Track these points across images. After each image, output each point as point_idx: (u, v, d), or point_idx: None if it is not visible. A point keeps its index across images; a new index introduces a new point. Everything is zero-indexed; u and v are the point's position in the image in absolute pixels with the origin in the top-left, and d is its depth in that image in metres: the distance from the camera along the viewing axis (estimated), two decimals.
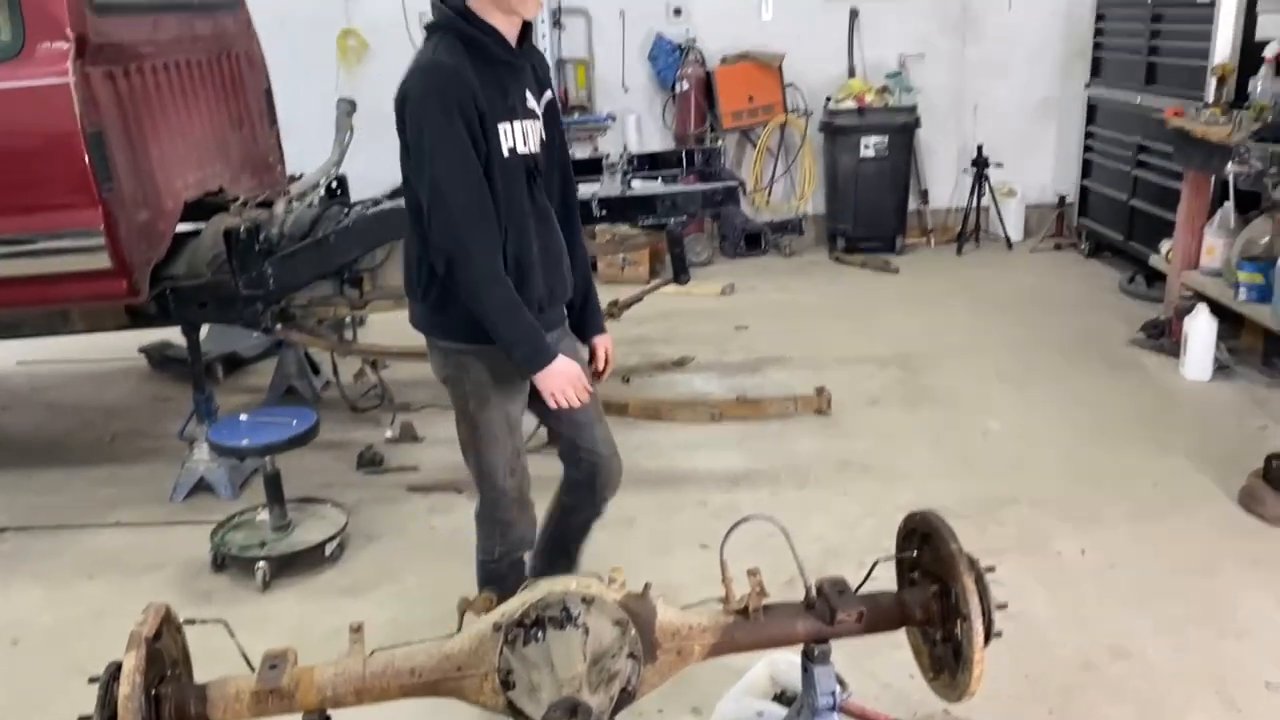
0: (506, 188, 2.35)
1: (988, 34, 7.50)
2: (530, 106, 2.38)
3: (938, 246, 7.65)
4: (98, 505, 4.16)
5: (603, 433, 2.76)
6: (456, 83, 2.23)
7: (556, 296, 2.55)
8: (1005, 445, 4.35)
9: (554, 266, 2.51)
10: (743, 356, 5.52)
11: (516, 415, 2.60)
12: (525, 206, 2.40)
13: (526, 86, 2.37)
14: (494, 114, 2.29)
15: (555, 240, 2.52)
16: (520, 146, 2.35)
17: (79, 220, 3.63)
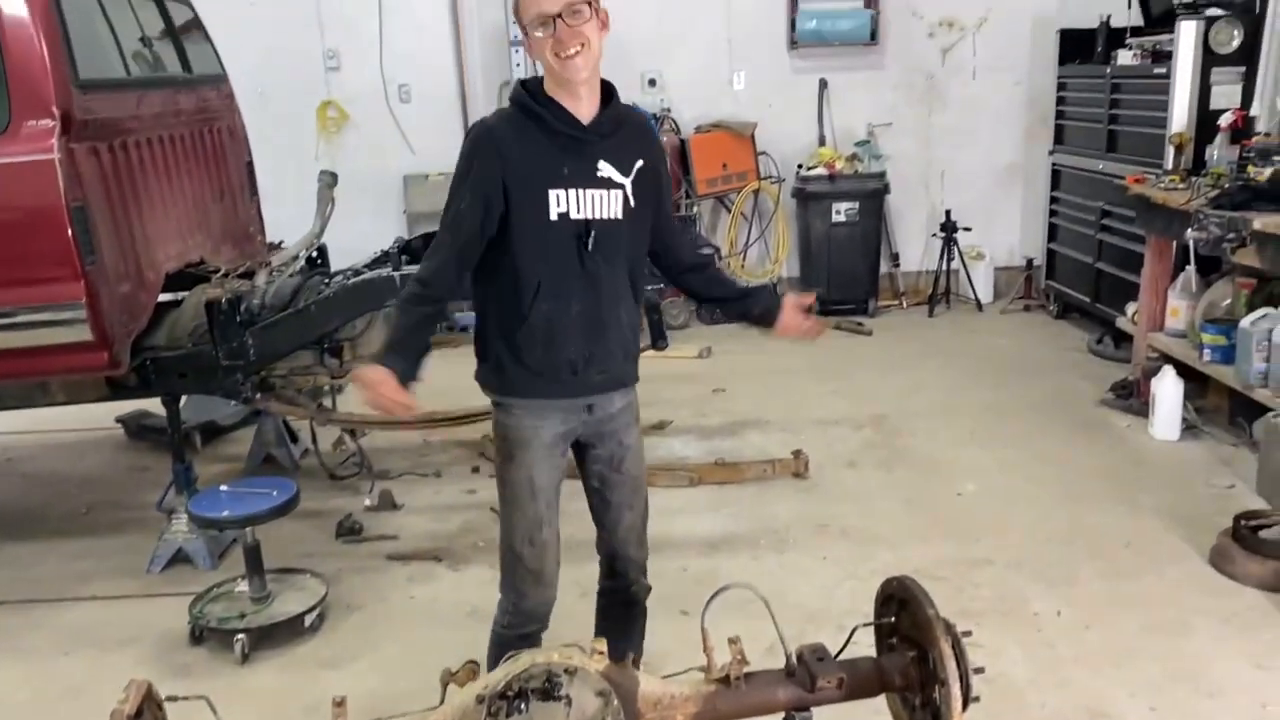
0: (549, 249, 2.47)
1: (953, 103, 7.71)
2: (604, 175, 2.46)
3: (910, 308, 7.78)
4: (73, 579, 4.13)
5: (631, 519, 2.75)
6: (485, 143, 2.44)
7: (597, 361, 2.55)
8: (980, 506, 4.41)
9: (597, 332, 2.54)
10: (721, 419, 5.58)
11: (543, 483, 2.58)
12: (572, 269, 2.48)
13: (602, 156, 2.46)
14: (542, 180, 2.42)
15: (606, 307, 2.53)
16: (576, 212, 2.44)
17: (61, 294, 3.66)
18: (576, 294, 2.50)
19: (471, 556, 4.16)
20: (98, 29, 4.04)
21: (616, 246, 2.53)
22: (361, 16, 7.45)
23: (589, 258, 2.48)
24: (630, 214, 2.53)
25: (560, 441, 2.60)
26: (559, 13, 2.29)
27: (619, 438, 2.67)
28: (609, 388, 2.62)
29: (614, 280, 2.55)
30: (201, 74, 4.89)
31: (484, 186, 2.43)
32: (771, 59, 7.65)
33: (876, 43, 7.53)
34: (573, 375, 2.54)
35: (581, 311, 2.51)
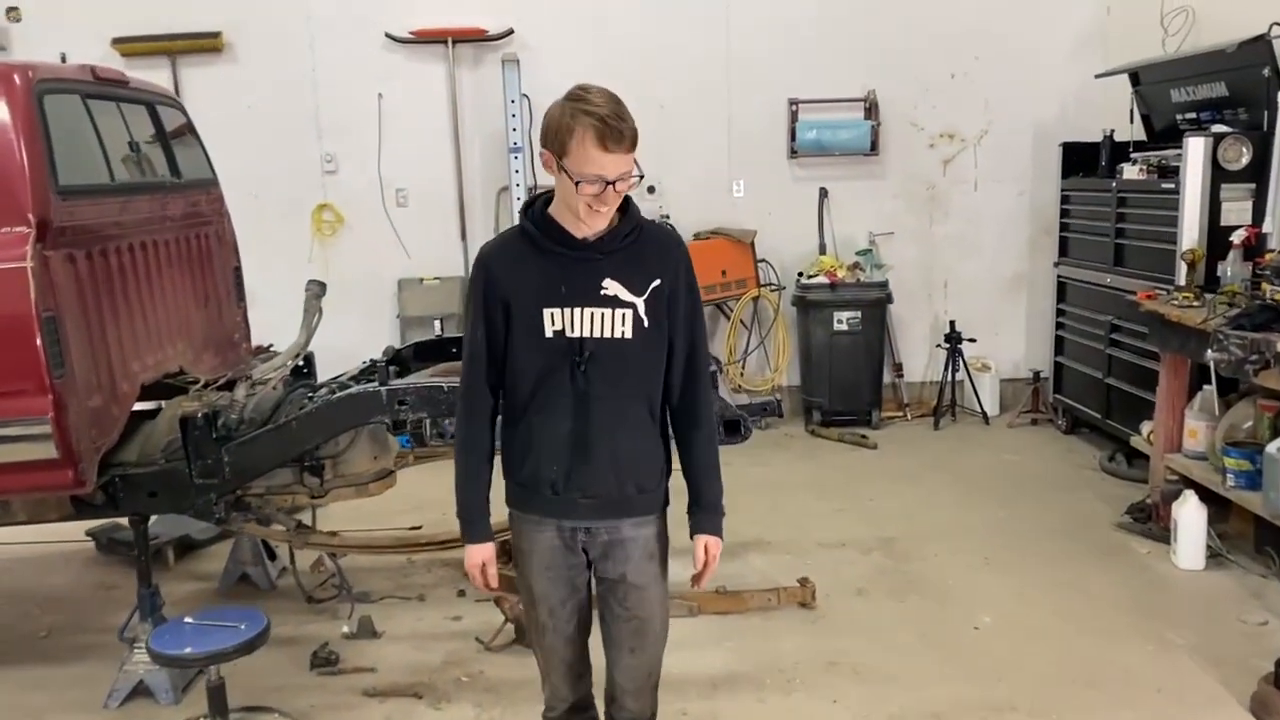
0: (543, 366, 2.43)
1: (955, 213, 7.65)
2: (609, 293, 2.39)
3: (914, 420, 7.58)
4: (25, 713, 3.83)
5: (631, 664, 2.65)
6: (482, 270, 2.46)
7: (580, 484, 2.46)
8: (998, 641, 4.14)
9: (582, 454, 2.44)
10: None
11: (543, 592, 2.57)
12: (562, 388, 2.42)
13: (608, 274, 2.38)
14: (538, 298, 2.39)
15: (598, 430, 2.43)
16: (571, 331, 2.39)
17: (26, 408, 3.43)
18: (565, 412, 2.44)
19: (454, 693, 3.87)
20: (82, 134, 3.90)
21: (621, 368, 2.44)
22: (360, 121, 7.42)
23: (581, 377, 2.41)
24: (644, 334, 2.43)
25: (560, 557, 2.54)
26: (615, 179, 2.28)
27: (624, 571, 2.54)
28: (602, 515, 2.51)
29: (614, 403, 2.44)
30: (190, 179, 4.75)
31: (487, 312, 2.46)
32: (772, 167, 7.61)
33: (877, 153, 7.49)
34: (554, 495, 2.48)
35: (571, 431, 2.44)
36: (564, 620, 2.59)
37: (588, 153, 2.25)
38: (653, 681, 2.70)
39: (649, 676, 2.67)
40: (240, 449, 3.88)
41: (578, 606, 2.60)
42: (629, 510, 2.52)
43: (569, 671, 2.68)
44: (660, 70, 7.39)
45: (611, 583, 2.56)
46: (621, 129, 2.24)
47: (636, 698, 2.68)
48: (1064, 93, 7.38)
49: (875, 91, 7.44)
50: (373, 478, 4.07)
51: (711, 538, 2.59)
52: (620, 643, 2.61)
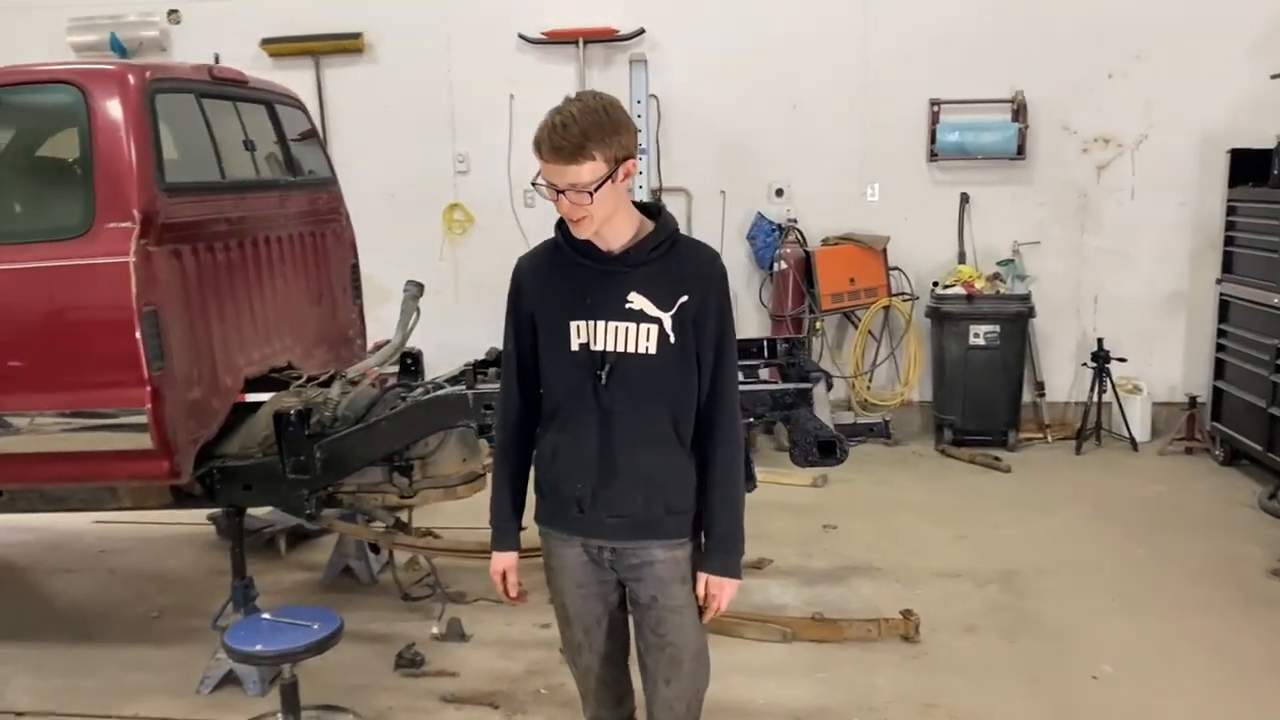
0: (565, 380, 2.41)
1: (1109, 224, 7.13)
2: (633, 308, 2.33)
3: (1055, 443, 7.10)
4: (122, 693, 3.95)
5: (667, 695, 2.54)
6: (515, 280, 2.48)
7: (606, 504, 2.41)
8: (1119, 694, 3.78)
9: (608, 473, 2.40)
10: (827, 563, 5.08)
11: (576, 610, 2.54)
12: (586, 403, 2.38)
13: (634, 288, 2.33)
14: (564, 310, 2.37)
15: (622, 448, 2.39)
16: (597, 344, 2.35)
17: (125, 399, 3.55)
18: (589, 428, 2.40)
19: (530, 706, 3.79)
20: (194, 133, 4.01)
21: (645, 383, 2.38)
22: (492, 121, 7.45)
23: (604, 392, 2.36)
24: (669, 350, 2.36)
25: (591, 573, 2.49)
26: (563, 189, 2.23)
27: (654, 594, 2.46)
28: (631, 536, 2.43)
29: (637, 420, 2.39)
30: (308, 178, 4.85)
31: (518, 322, 2.47)
32: (909, 171, 7.26)
33: (1023, 157, 7.05)
34: (579, 513, 2.43)
35: (593, 448, 2.40)
36: (599, 639, 2.55)
37: (536, 155, 2.25)
38: (691, 714, 2.57)
39: (687, 709, 2.56)
40: (331, 446, 3.90)
41: (613, 624, 2.55)
42: (659, 532, 2.43)
43: (608, 692, 2.65)
44: (793, 69, 7.18)
45: (642, 606, 2.48)
46: (558, 140, 2.17)
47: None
48: (1235, 95, 6.78)
49: (1023, 92, 7.00)
50: (460, 480, 4.04)
51: (715, 578, 2.44)
52: (655, 673, 2.52)
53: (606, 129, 2.19)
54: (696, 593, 2.45)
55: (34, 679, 4.09)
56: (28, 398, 3.63)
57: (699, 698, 2.58)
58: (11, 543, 5.67)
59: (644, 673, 2.55)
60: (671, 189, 7.37)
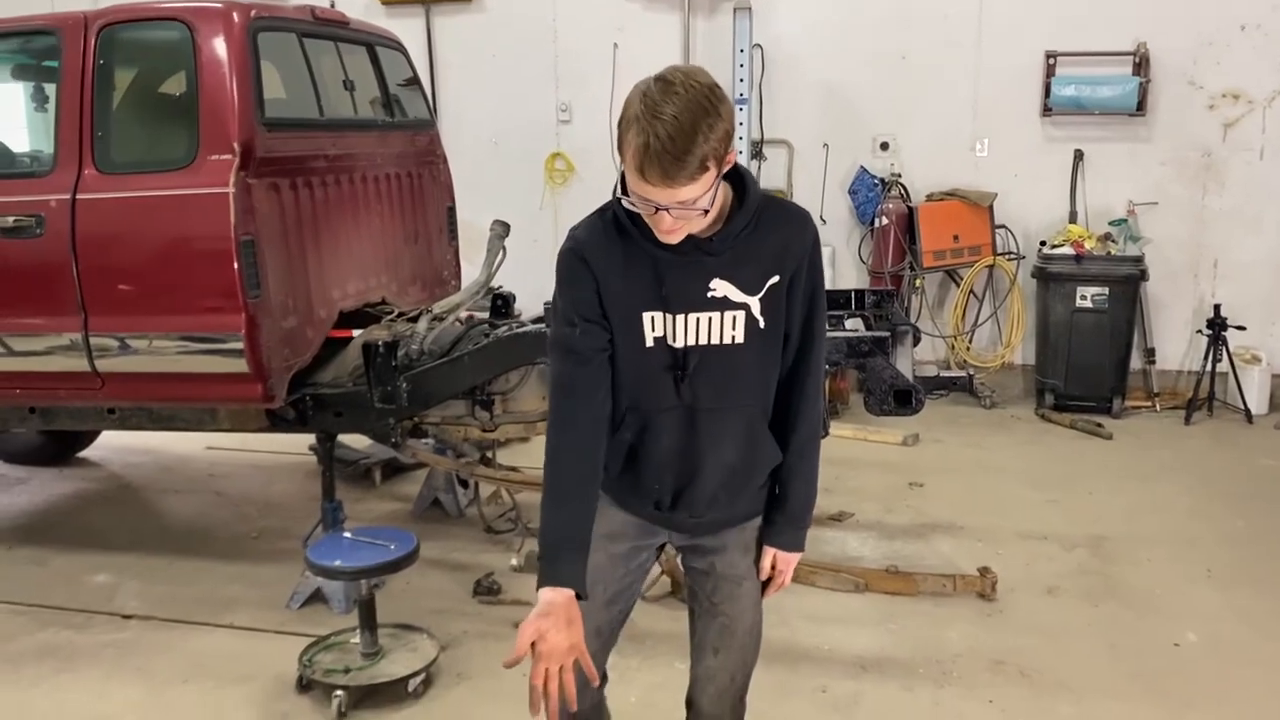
0: (640, 378, 2.11)
1: (1234, 185, 6.76)
2: (717, 295, 2.04)
3: (1163, 412, 6.82)
4: (219, 603, 4.19)
5: (713, 665, 2.31)
6: (575, 261, 2.06)
7: (688, 504, 2.19)
8: (1201, 662, 3.66)
9: (690, 473, 2.16)
10: (909, 519, 5.02)
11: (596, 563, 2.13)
12: (664, 402, 2.11)
13: (717, 273, 2.03)
14: (636, 301, 2.06)
15: (707, 446, 2.13)
16: (674, 339, 2.06)
17: (222, 324, 3.74)
18: (668, 427, 2.13)
19: None
20: (294, 70, 4.15)
21: (733, 375, 2.11)
22: (595, 71, 7.46)
23: (685, 389, 2.09)
24: (759, 336, 2.08)
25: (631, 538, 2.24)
26: (666, 206, 1.87)
27: (713, 561, 2.27)
28: (705, 533, 2.25)
29: (723, 414, 2.13)
30: (406, 119, 4.96)
31: (583, 310, 2.06)
32: (1021, 126, 7.01)
33: (1144, 113, 6.73)
34: (656, 510, 2.21)
35: (672, 448, 2.14)
36: (598, 605, 2.21)
37: (633, 171, 1.85)
38: (737, 687, 2.35)
39: (731, 681, 2.33)
40: (417, 378, 4.03)
41: (618, 595, 2.28)
42: (734, 520, 2.24)
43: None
44: (903, 19, 6.99)
45: (699, 573, 2.29)
46: (668, 163, 1.79)
47: (716, 701, 2.35)
48: None
49: (1146, 44, 6.67)
50: (539, 417, 4.11)
51: (784, 553, 2.26)
52: (704, 643, 2.32)
53: (713, 122, 1.82)
54: (761, 566, 2.26)
55: (142, 585, 4.38)
56: (137, 319, 3.85)
57: (746, 673, 2.37)
58: (129, 463, 6.03)
59: (694, 645, 2.35)
60: (773, 141, 7.29)
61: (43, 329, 3.94)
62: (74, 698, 3.54)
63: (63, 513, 5.36)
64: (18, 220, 3.86)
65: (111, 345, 3.88)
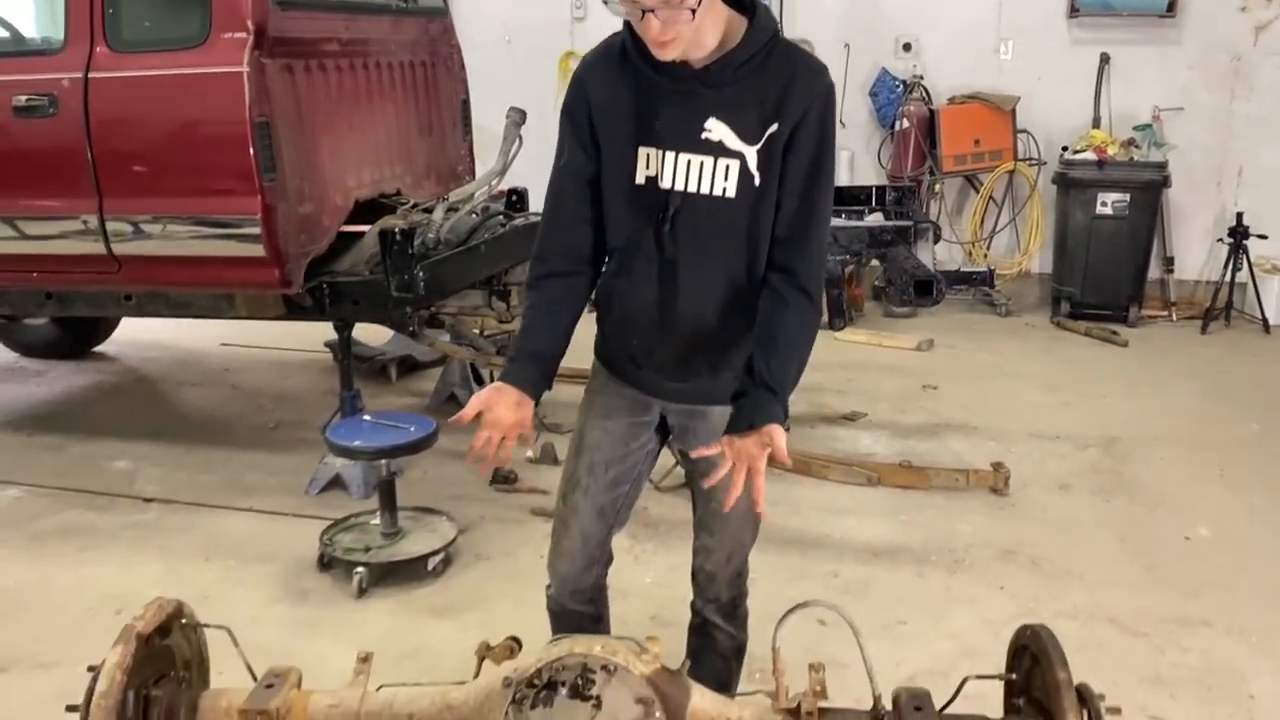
0: (627, 218, 2.04)
1: (1263, 91, 6.63)
2: (711, 138, 1.93)
3: (1179, 322, 6.79)
4: (239, 489, 4.24)
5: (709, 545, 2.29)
6: (578, 85, 2.05)
7: (661, 366, 2.12)
8: (1211, 555, 3.69)
9: (668, 332, 2.07)
10: (922, 419, 5.04)
11: (590, 444, 2.21)
12: (646, 249, 2.03)
13: (713, 112, 1.92)
14: (631, 133, 1.99)
15: (686, 306, 2.04)
16: (664, 181, 1.96)
17: (238, 207, 3.71)
18: (647, 280, 2.04)
19: None
20: None
21: (718, 232, 1.99)
22: None
23: (667, 239, 1.99)
24: (752, 194, 1.95)
25: (626, 413, 2.20)
26: (650, 7, 1.78)
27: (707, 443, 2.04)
28: (688, 400, 2.16)
29: (706, 274, 2.01)
30: (419, 5, 4.86)
31: (578, 135, 2.04)
32: (1047, 27, 6.86)
33: (1173, 14, 6.58)
34: (635, 367, 2.15)
35: (651, 301, 2.05)
36: (600, 485, 2.21)
37: None
38: (734, 567, 2.32)
39: (728, 561, 2.30)
40: (434, 267, 4.01)
41: (620, 475, 2.23)
42: (720, 397, 2.03)
43: (581, 548, 2.28)
44: None
45: (693, 457, 2.13)
46: None
47: (711, 580, 2.34)
48: None
49: None
50: None
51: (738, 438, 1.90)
52: (702, 522, 2.29)
53: None
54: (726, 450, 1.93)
55: (162, 471, 4.43)
56: (153, 202, 3.83)
57: (742, 555, 2.32)
58: (145, 358, 6.06)
59: (695, 527, 2.33)
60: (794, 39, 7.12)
61: (58, 211, 3.92)
62: (97, 572, 3.60)
63: (80, 403, 5.41)
64: (30, 99, 3.81)
65: (127, 228, 3.86)
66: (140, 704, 1.90)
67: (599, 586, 2.39)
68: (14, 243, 4.02)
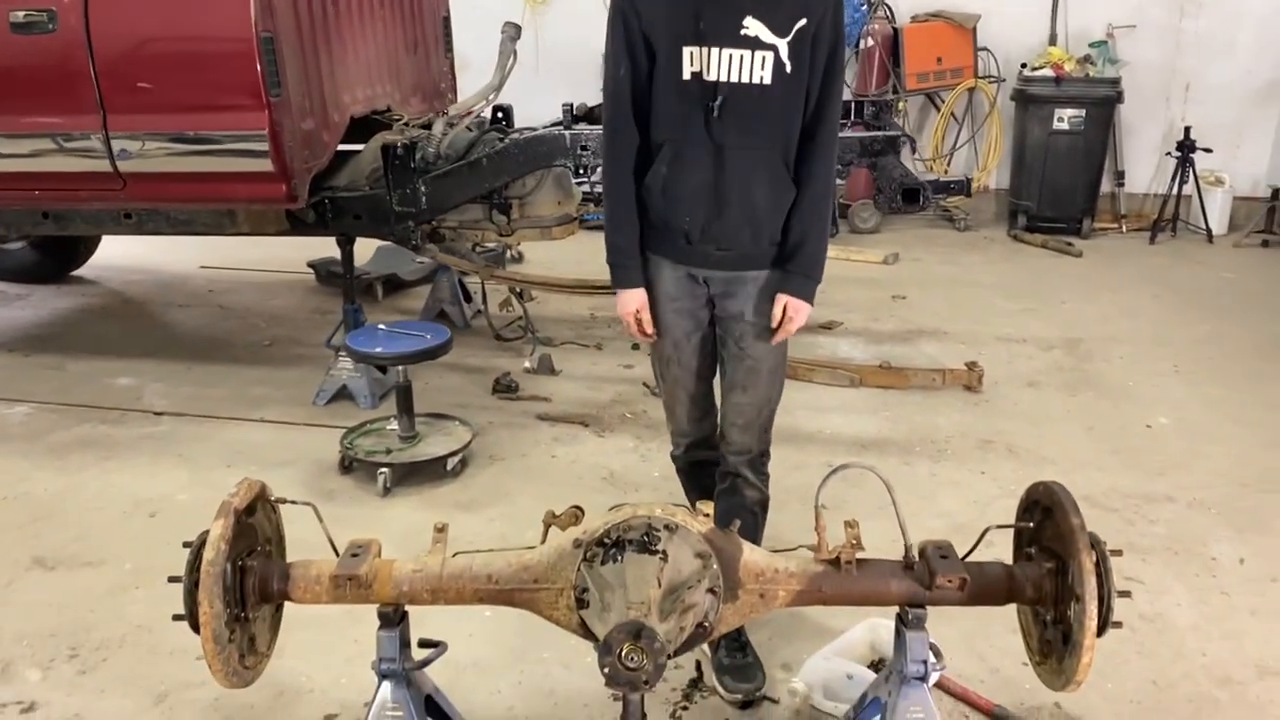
0: (675, 111, 2.34)
1: (1210, 7, 6.90)
2: (748, 33, 2.26)
3: (1129, 233, 7.13)
4: (248, 402, 4.36)
5: (741, 401, 2.59)
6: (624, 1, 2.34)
7: (714, 236, 2.42)
8: (1171, 441, 4.01)
9: (717, 207, 2.38)
10: (895, 326, 5.29)
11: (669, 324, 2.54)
12: (697, 136, 2.34)
13: (750, 11, 2.25)
14: (678, 35, 2.29)
15: (732, 182, 2.36)
16: (710, 74, 2.28)
17: (246, 122, 3.76)
18: (699, 162, 2.35)
19: (617, 426, 4.13)
20: None
21: (759, 116, 2.32)
22: None
23: (715, 125, 2.31)
24: (785, 81, 2.30)
25: (685, 288, 2.52)
26: None
27: (742, 308, 2.50)
28: (732, 266, 2.47)
29: (749, 154, 2.35)
30: None
31: (630, 49, 2.35)
32: None
33: None
34: (687, 243, 2.44)
35: (703, 182, 2.37)
36: (689, 354, 2.59)
37: None
38: (762, 420, 2.63)
39: (758, 414, 2.61)
40: (435, 181, 4.12)
41: (702, 340, 2.58)
42: (761, 263, 2.45)
43: (693, 406, 2.68)
44: None
45: (730, 321, 2.52)
46: None
47: (744, 431, 2.63)
48: None
49: None
50: (555, 221, 4.25)
51: (794, 300, 2.42)
52: (733, 381, 2.58)
53: None
54: (773, 312, 2.44)
55: (166, 387, 4.52)
56: (157, 118, 3.86)
57: (771, 409, 2.63)
58: (128, 280, 6.09)
59: (725, 385, 2.61)
60: None
61: (61, 128, 3.93)
62: (124, 480, 3.72)
63: (70, 324, 5.44)
64: (29, 15, 3.81)
65: (133, 146, 3.90)
66: (237, 573, 2.05)
67: (713, 434, 2.75)
68: (14, 160, 4.02)
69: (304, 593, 2.11)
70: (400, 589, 2.10)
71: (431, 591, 2.11)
